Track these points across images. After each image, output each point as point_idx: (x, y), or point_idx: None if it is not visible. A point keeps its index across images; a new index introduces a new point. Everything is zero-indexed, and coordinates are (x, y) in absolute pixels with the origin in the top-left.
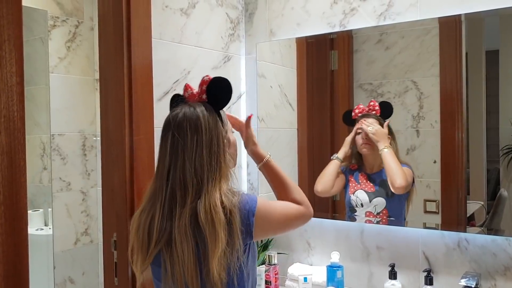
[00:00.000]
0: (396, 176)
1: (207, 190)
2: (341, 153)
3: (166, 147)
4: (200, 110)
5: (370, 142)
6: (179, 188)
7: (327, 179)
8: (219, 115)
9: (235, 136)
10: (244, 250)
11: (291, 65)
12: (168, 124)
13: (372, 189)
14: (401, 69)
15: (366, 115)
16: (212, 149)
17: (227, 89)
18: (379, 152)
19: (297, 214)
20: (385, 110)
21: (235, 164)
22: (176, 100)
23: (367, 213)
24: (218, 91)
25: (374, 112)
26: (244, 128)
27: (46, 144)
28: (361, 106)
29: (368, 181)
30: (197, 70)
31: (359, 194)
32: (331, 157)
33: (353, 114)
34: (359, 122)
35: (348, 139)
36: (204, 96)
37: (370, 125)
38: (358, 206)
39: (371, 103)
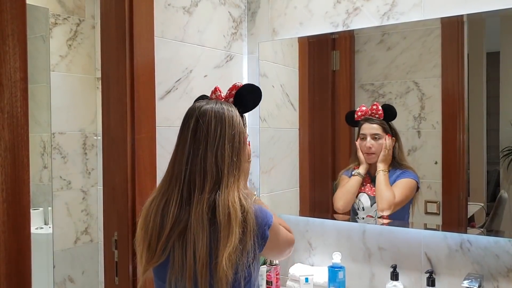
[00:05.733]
0: (381, 200)
1: (226, 184)
2: (362, 169)
3: (188, 134)
4: (226, 106)
5: (373, 152)
6: (198, 174)
7: (349, 197)
8: (242, 117)
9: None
10: (254, 257)
11: (293, 65)
12: (192, 112)
13: (374, 193)
14: (403, 70)
15: (369, 119)
16: (234, 145)
17: (257, 95)
18: (376, 171)
19: (292, 240)
20: (388, 113)
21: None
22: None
23: (369, 217)
24: (248, 95)
25: (377, 116)
26: None
27: (47, 143)
28: (364, 108)
29: (371, 184)
30: (199, 68)
31: (362, 198)
32: (353, 173)
33: (355, 116)
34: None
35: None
36: (231, 100)
37: (385, 148)
38: (360, 209)
39: (374, 107)
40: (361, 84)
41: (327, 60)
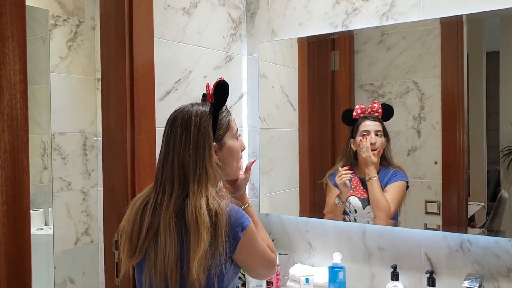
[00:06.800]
0: (378, 211)
1: (193, 191)
2: (343, 197)
3: (163, 141)
4: (196, 109)
5: (377, 148)
6: (168, 181)
7: (338, 220)
8: (216, 117)
9: (236, 144)
10: (226, 257)
11: (292, 65)
12: (167, 120)
13: (365, 195)
14: (402, 70)
15: (368, 117)
16: (198, 151)
17: (223, 91)
18: (366, 178)
19: (272, 260)
20: (387, 113)
21: (235, 169)
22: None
23: (361, 218)
24: (216, 93)
25: (376, 114)
26: (246, 171)
27: (47, 144)
28: (363, 106)
29: (362, 187)
30: (198, 70)
31: (352, 201)
32: (335, 201)
33: (354, 114)
34: (364, 137)
35: (348, 183)
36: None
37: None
38: (351, 212)
39: (374, 105)
40: (361, 84)
41: (327, 61)
